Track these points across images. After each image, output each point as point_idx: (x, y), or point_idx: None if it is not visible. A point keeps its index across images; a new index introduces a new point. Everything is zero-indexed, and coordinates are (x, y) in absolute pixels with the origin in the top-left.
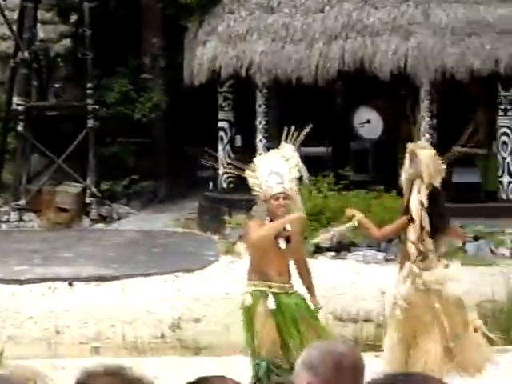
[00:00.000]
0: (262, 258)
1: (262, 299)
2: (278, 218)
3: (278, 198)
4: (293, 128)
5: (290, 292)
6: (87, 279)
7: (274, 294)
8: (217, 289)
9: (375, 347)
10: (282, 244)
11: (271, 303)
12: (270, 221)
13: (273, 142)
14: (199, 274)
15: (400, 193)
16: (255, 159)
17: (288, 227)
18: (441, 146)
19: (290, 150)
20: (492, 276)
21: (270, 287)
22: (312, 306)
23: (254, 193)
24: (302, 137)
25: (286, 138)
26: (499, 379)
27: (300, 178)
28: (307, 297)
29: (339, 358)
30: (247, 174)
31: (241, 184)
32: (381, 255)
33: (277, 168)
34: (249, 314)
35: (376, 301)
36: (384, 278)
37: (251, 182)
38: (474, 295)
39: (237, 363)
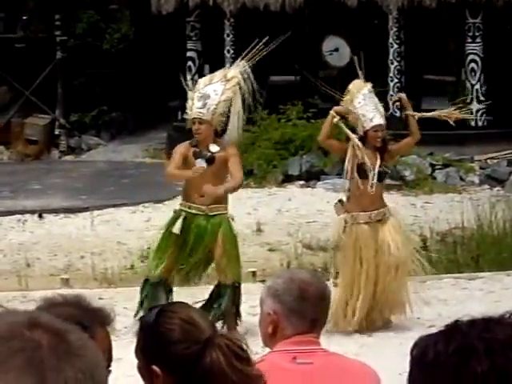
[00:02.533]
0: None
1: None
2: (198, 142)
3: (194, 123)
4: (255, 46)
5: (210, 214)
6: (56, 211)
7: (192, 214)
8: None
9: None
10: (201, 165)
11: (176, 227)
12: (195, 144)
13: None
14: (168, 204)
15: None
16: (200, 79)
17: (213, 149)
18: (409, 73)
19: (237, 70)
20: (461, 203)
21: (189, 208)
22: (232, 231)
23: (185, 116)
24: (257, 56)
25: (244, 57)
26: (471, 305)
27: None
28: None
29: (304, 287)
30: (189, 95)
31: None
32: None
33: (209, 90)
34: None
35: None
36: None
37: (188, 102)
38: (443, 222)
39: (207, 291)
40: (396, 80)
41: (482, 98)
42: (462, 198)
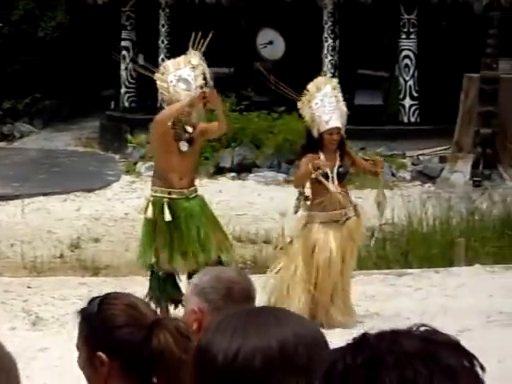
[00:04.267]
0: (164, 162)
1: (160, 210)
2: (182, 121)
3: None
4: (198, 36)
5: (190, 197)
6: None
7: (173, 200)
8: (117, 209)
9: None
10: (184, 146)
11: (167, 215)
12: (173, 125)
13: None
14: (99, 193)
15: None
16: (165, 63)
17: (190, 130)
18: (343, 68)
19: (197, 58)
20: (392, 199)
21: (169, 193)
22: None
23: (159, 95)
24: (205, 45)
25: (193, 45)
26: (399, 302)
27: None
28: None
29: (230, 286)
30: (156, 76)
31: (142, 103)
32: (281, 176)
33: (185, 75)
34: (149, 225)
35: (275, 222)
36: (283, 200)
37: (159, 84)
38: (373, 218)
39: (135, 283)
40: (330, 74)
41: (414, 94)
42: (393, 193)
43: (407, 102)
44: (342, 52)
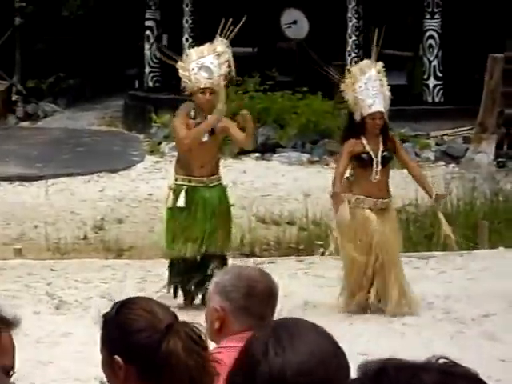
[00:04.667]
0: (186, 151)
1: (178, 196)
2: (204, 112)
3: (204, 93)
4: (228, 23)
5: (210, 185)
6: (11, 179)
7: (193, 187)
8: (141, 189)
9: (297, 250)
10: (204, 137)
11: (181, 201)
12: (194, 116)
13: (199, 42)
14: (123, 174)
15: (325, 94)
16: (189, 50)
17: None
18: (367, 48)
19: (223, 46)
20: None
21: (189, 181)
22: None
23: (182, 83)
24: (234, 32)
25: (221, 32)
26: (422, 285)
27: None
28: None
29: (251, 284)
30: (179, 64)
31: (166, 83)
32: (305, 157)
33: (208, 63)
34: (170, 213)
35: (299, 203)
36: (307, 181)
37: (181, 72)
38: (397, 199)
39: (159, 265)
40: (354, 54)
41: (439, 74)
42: None
43: (431, 82)
44: (365, 32)
